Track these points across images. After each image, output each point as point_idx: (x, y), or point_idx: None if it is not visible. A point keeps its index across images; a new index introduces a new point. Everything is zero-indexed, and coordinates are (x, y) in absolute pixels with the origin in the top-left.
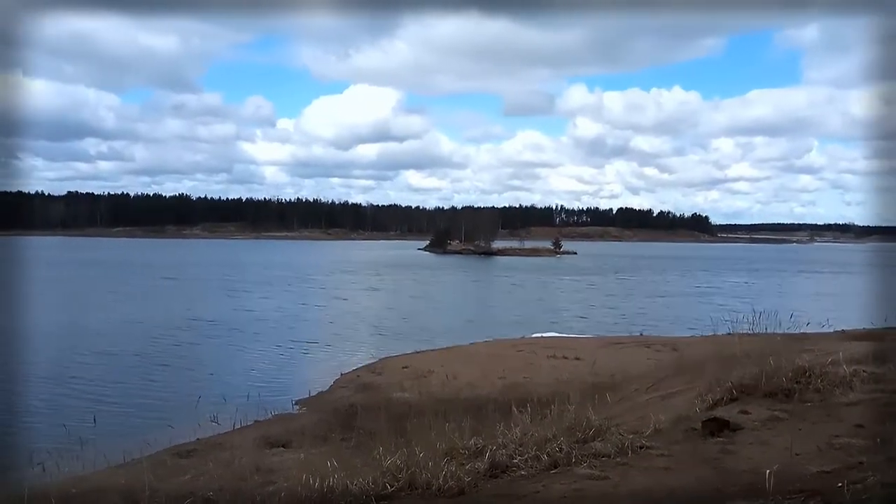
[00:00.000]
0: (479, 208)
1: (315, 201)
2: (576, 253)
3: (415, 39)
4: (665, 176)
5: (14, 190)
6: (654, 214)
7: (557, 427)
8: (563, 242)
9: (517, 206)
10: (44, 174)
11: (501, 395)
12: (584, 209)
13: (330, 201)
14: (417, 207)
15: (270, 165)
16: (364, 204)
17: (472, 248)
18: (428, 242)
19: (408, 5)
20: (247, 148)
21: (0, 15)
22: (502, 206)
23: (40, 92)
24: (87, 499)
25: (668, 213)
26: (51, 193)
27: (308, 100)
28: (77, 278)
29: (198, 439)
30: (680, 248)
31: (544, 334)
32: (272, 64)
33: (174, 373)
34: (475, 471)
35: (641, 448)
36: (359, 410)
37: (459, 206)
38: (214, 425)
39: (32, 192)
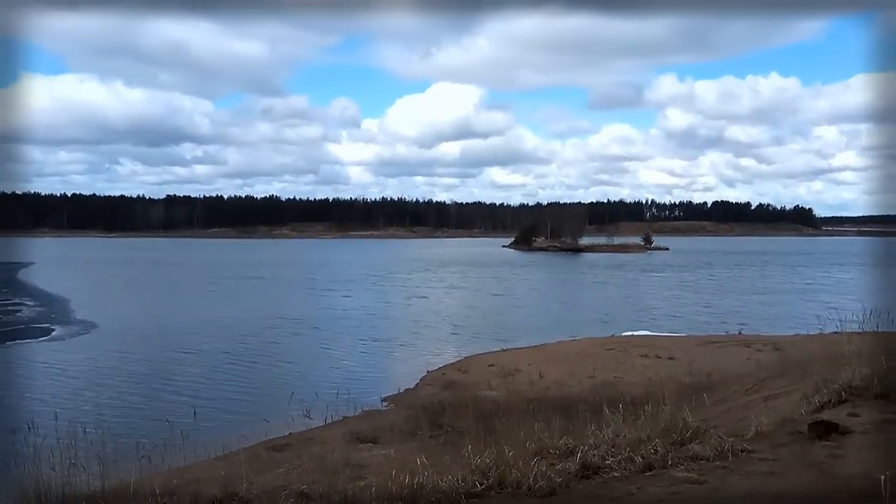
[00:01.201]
0: (565, 204)
1: (399, 200)
2: (668, 249)
3: (496, 35)
4: (763, 167)
5: (117, 194)
6: (753, 207)
7: (652, 428)
8: (653, 238)
9: (605, 201)
10: (144, 178)
11: (591, 395)
12: (676, 203)
13: (414, 200)
14: (501, 204)
15: (356, 165)
16: (448, 202)
17: (558, 244)
18: (513, 239)
19: (490, 3)
20: (333, 149)
21: (101, 28)
22: (589, 201)
23: (139, 100)
24: (189, 490)
25: (768, 205)
26: (151, 197)
27: (391, 100)
28: (173, 278)
29: (290, 434)
30: (781, 242)
31: (635, 333)
32: (356, 65)
33: (265, 370)
34: (566, 471)
35: (743, 451)
36: (446, 408)
37: (545, 203)
38: (306, 420)
39: (134, 195)
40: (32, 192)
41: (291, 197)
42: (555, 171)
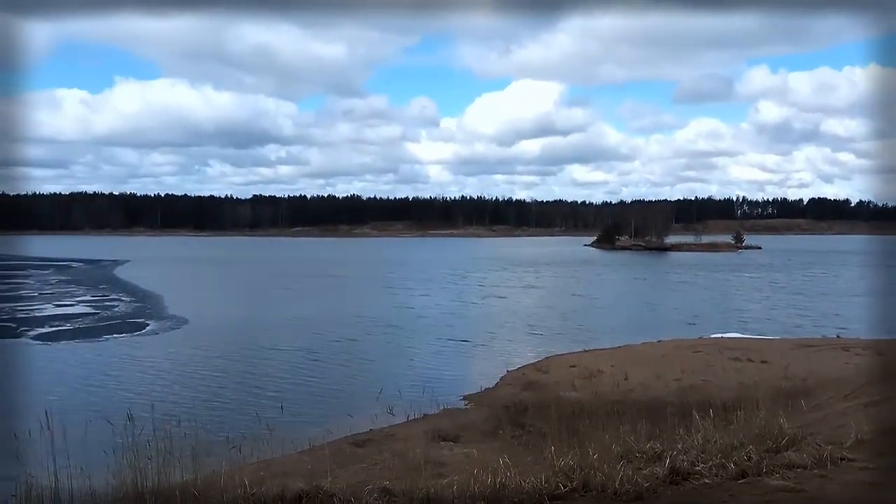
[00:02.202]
0: (649, 202)
1: (479, 198)
2: (760, 248)
3: (577, 31)
4: (864, 161)
5: (207, 195)
6: (853, 204)
7: (745, 434)
8: (745, 236)
9: (692, 198)
10: (231, 179)
11: (678, 398)
12: (769, 200)
13: (493, 198)
14: (583, 202)
15: (435, 164)
16: (528, 200)
17: (642, 243)
18: (595, 238)
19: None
20: (412, 148)
21: (192, 34)
22: (676, 198)
23: (227, 103)
24: (276, 482)
25: (869, 202)
26: (238, 197)
27: (470, 98)
28: (258, 276)
29: (371, 430)
30: (885, 241)
31: (725, 335)
32: (435, 65)
33: (346, 367)
34: (653, 476)
35: (842, 460)
36: (528, 408)
37: (628, 200)
38: (389, 417)
39: (223, 196)
40: (128, 192)
41: (372, 196)
42: (639, 168)
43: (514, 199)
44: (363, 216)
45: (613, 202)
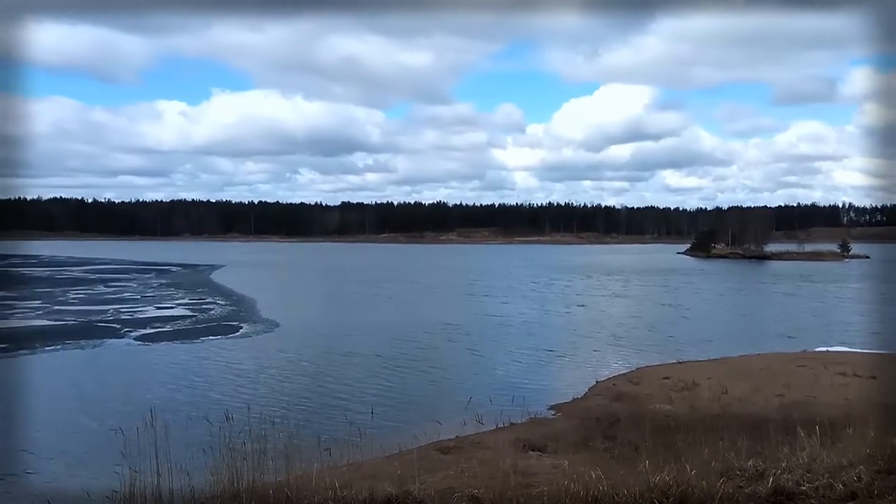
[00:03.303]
0: (748, 208)
1: (566, 205)
2: (868, 257)
3: (668, 33)
4: None
5: (297, 201)
6: None
7: (854, 453)
8: (851, 245)
9: (794, 204)
10: (321, 186)
11: (780, 414)
12: (878, 207)
13: (581, 204)
14: (676, 209)
15: (521, 171)
16: (618, 206)
17: (740, 251)
18: (689, 246)
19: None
20: (498, 154)
21: (284, 46)
22: (776, 205)
23: (317, 113)
24: (363, 485)
25: None
26: (327, 204)
27: (558, 104)
28: (346, 280)
29: (457, 437)
30: None
31: (830, 348)
32: (521, 71)
33: (431, 373)
34: (755, 495)
35: None
36: (620, 420)
37: (725, 207)
38: (476, 424)
39: (312, 202)
40: (224, 200)
41: (458, 202)
42: (735, 173)
43: (602, 206)
44: (449, 223)
45: (709, 208)
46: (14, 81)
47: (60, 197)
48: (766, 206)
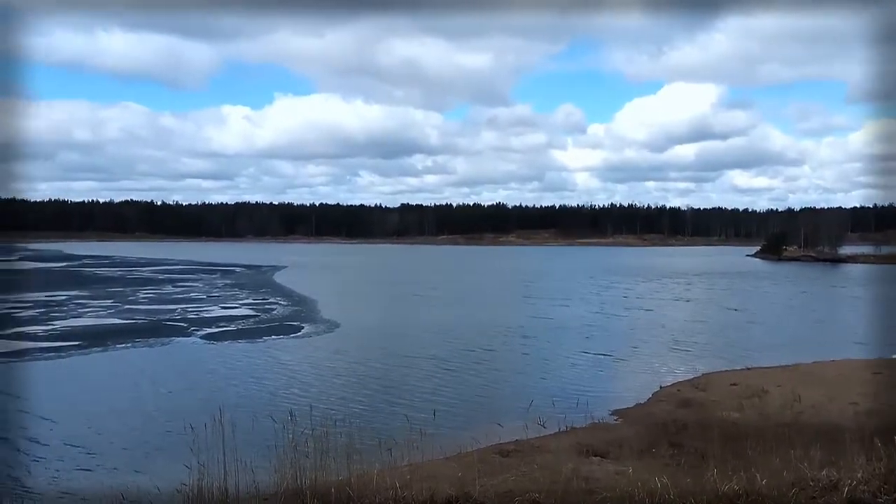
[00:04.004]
0: (821, 209)
1: (629, 206)
2: None
3: (735, 30)
4: None
5: (357, 203)
6: None
7: None
8: None
9: (871, 206)
10: (380, 189)
11: (855, 423)
12: None
13: (645, 206)
14: (745, 210)
15: (582, 172)
16: (683, 207)
17: (813, 254)
18: (758, 248)
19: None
20: (558, 155)
21: (344, 50)
22: (851, 206)
23: (377, 116)
24: (423, 486)
25: None
26: (387, 206)
27: (620, 103)
28: (403, 282)
29: (517, 440)
30: None
31: None
32: (582, 71)
33: (490, 376)
34: None
35: None
36: (687, 427)
37: (797, 208)
38: (537, 428)
39: (372, 204)
40: (286, 202)
41: (517, 204)
42: (807, 173)
43: (667, 207)
44: (508, 224)
45: (780, 210)
46: (86, 90)
47: (131, 200)
48: (840, 208)
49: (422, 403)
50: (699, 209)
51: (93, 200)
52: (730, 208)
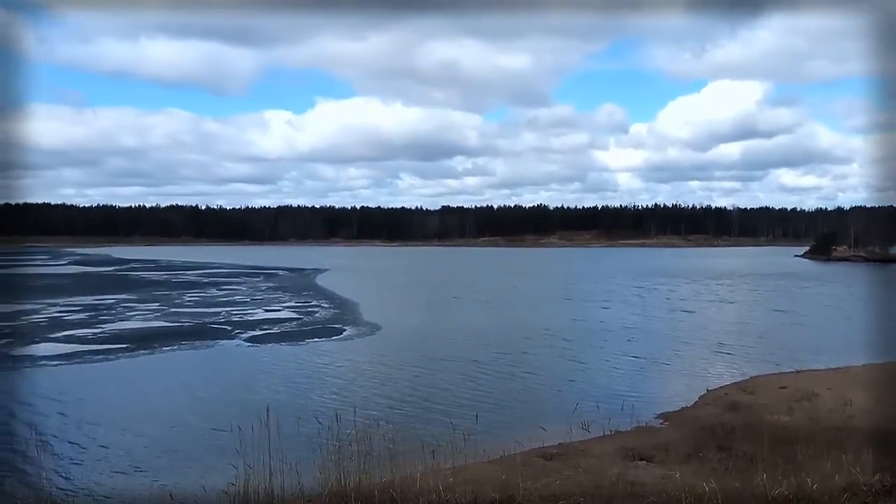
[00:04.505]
0: (872, 208)
1: (673, 206)
2: None
3: (782, 26)
4: None
5: (398, 206)
6: None
7: None
8: None
9: None
10: (420, 191)
11: None
12: None
13: (689, 206)
14: (793, 209)
15: (624, 172)
16: (729, 207)
17: (864, 254)
18: (807, 249)
19: None
20: (599, 156)
21: (383, 54)
22: None
23: (416, 118)
24: (467, 489)
25: None
26: (427, 208)
27: (662, 102)
28: (446, 284)
29: (560, 444)
30: None
31: None
32: (623, 69)
33: (533, 378)
34: None
35: None
36: (735, 431)
37: (847, 207)
38: (580, 431)
39: (413, 207)
40: (328, 205)
41: (559, 205)
42: (857, 172)
43: (712, 207)
44: (550, 226)
45: (829, 209)
46: (132, 97)
47: (177, 204)
48: (892, 206)
49: (463, 406)
50: (745, 209)
51: (139, 205)
52: (777, 208)
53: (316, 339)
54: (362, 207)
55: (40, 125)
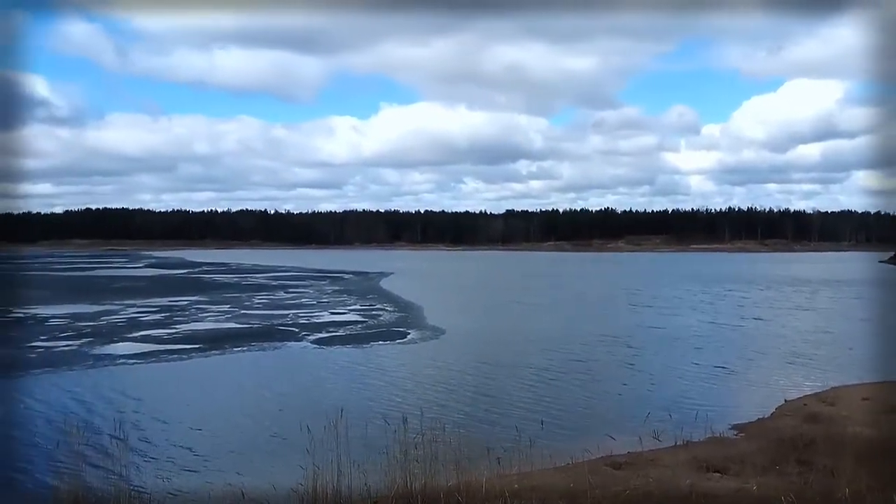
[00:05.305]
0: None
1: (749, 210)
2: None
3: (864, 21)
4: None
5: (462, 210)
6: None
7: None
8: None
9: None
10: (484, 195)
11: None
12: None
13: (766, 209)
14: (878, 213)
15: (695, 174)
16: (808, 211)
17: None
18: (892, 254)
19: None
20: (669, 158)
21: (448, 58)
22: None
23: (480, 122)
24: (532, 495)
25: None
26: (491, 212)
27: (736, 102)
28: (509, 289)
29: (629, 453)
30: None
31: None
32: (694, 69)
33: (599, 385)
34: None
35: None
36: (815, 443)
37: None
38: (651, 441)
39: (476, 211)
40: (392, 209)
41: (627, 209)
42: None
43: (790, 210)
44: (617, 230)
45: None
46: (204, 105)
47: (247, 209)
48: None
49: (528, 413)
50: (826, 212)
51: (211, 210)
52: (860, 211)
53: (380, 342)
54: (426, 211)
55: (120, 133)
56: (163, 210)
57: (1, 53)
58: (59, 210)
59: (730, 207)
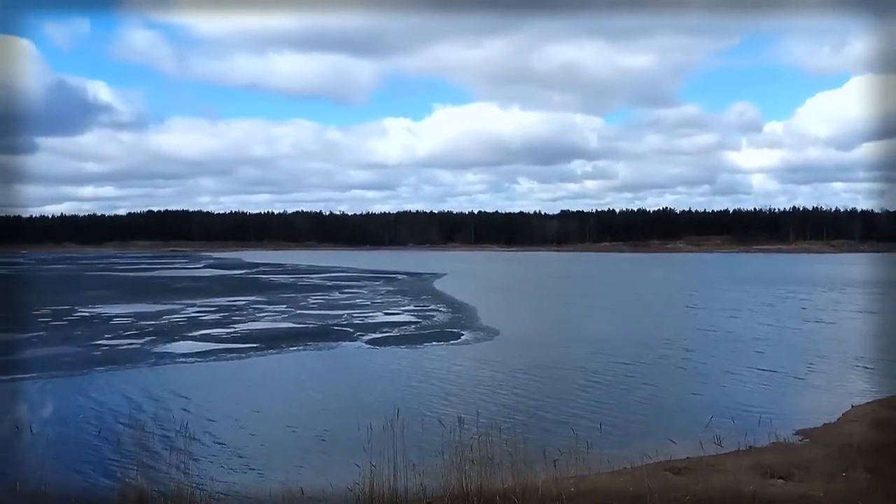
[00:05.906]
0: None
1: (814, 209)
2: None
3: None
4: None
5: (516, 211)
6: None
7: None
8: None
9: None
10: (539, 195)
11: None
12: None
13: (833, 209)
14: None
15: (758, 173)
16: (877, 210)
17: None
18: None
19: None
20: (730, 156)
21: (502, 59)
22: None
23: (534, 122)
24: (589, 498)
25: None
26: (546, 213)
27: (800, 99)
28: (565, 291)
29: (688, 457)
30: None
31: None
32: (756, 66)
33: (653, 389)
34: None
35: None
36: (884, 450)
37: None
38: (713, 446)
39: (531, 211)
40: (446, 210)
41: (686, 209)
42: None
43: (858, 210)
44: (676, 230)
45: None
46: (261, 109)
47: (302, 211)
48: None
49: (584, 416)
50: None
51: (268, 212)
52: None
53: (434, 343)
54: (480, 212)
55: (180, 137)
56: (221, 212)
57: (67, 61)
58: (122, 212)
59: (794, 207)
